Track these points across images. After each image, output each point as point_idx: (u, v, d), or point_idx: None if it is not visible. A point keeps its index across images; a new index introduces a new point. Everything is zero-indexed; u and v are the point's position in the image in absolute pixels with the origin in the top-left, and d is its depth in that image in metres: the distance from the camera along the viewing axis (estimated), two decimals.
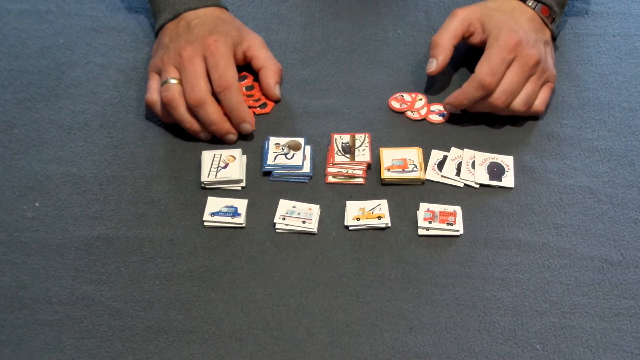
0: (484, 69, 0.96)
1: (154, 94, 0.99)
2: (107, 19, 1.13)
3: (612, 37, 1.11)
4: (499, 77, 0.96)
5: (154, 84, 1.00)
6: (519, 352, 0.83)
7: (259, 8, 1.14)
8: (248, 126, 0.99)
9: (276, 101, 1.04)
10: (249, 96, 1.03)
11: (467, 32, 1.02)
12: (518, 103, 0.98)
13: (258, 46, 1.04)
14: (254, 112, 1.02)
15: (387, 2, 1.15)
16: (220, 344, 0.84)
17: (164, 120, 1.00)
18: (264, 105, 1.03)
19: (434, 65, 1.01)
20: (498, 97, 0.96)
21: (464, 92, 0.97)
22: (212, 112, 0.97)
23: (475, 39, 1.01)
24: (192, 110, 0.97)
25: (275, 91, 1.03)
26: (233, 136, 0.99)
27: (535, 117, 1.01)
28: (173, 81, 0.97)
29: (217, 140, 0.99)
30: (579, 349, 0.83)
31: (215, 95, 0.97)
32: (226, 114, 0.98)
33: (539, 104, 0.99)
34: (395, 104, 1.03)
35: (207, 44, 0.98)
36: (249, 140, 1.00)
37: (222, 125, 0.98)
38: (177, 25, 1.02)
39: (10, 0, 1.15)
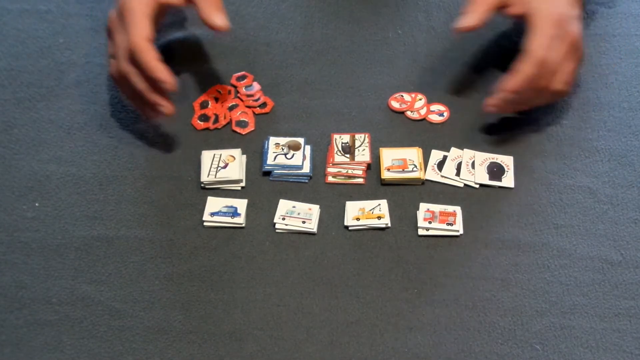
0: (537, 42, 0.90)
1: (111, 66, 0.95)
2: (107, 19, 1.13)
3: (612, 37, 1.11)
4: (553, 53, 0.91)
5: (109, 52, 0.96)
6: (519, 352, 0.83)
7: (259, 8, 1.14)
8: (222, 17, 0.93)
9: (224, 32, 0.95)
10: (248, 96, 1.03)
11: (500, 4, 0.95)
12: (558, 82, 0.93)
13: None
14: (253, 112, 1.02)
15: (387, 2, 1.15)
16: (220, 344, 0.84)
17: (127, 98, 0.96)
18: (263, 105, 1.03)
19: (464, 20, 0.93)
20: (541, 75, 0.91)
21: (521, 72, 0.91)
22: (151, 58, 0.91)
23: (514, 10, 0.94)
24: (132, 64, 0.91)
25: (217, 20, 0.93)
26: (169, 85, 0.91)
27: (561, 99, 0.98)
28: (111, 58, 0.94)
29: (217, 142, 0.99)
30: (579, 349, 0.83)
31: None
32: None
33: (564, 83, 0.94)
34: (395, 104, 1.03)
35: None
36: (249, 140, 1.00)
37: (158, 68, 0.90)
38: None
39: (10, 0, 1.15)
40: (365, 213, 0.92)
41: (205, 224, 0.92)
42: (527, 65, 0.91)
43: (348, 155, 0.97)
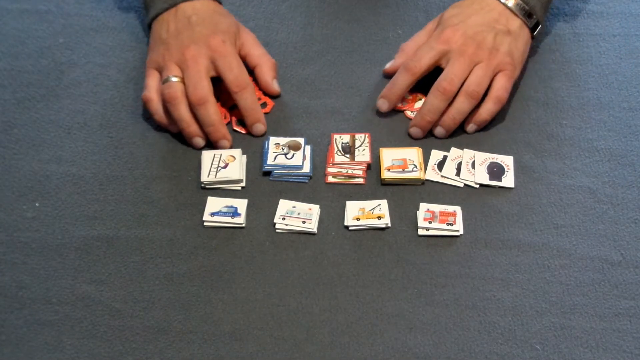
0: (409, 56, 1.01)
1: (151, 92, 0.99)
2: (107, 19, 1.13)
3: (612, 37, 1.11)
4: (425, 62, 0.98)
5: (152, 81, 0.99)
6: (519, 352, 0.83)
7: (259, 8, 1.14)
8: (261, 126, 1.00)
9: (276, 97, 1.04)
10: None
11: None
12: (470, 84, 0.97)
13: (252, 43, 1.04)
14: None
15: (387, 2, 1.15)
16: (220, 344, 0.84)
17: (158, 120, 0.99)
18: (264, 105, 1.03)
19: (390, 64, 1.06)
20: (442, 79, 0.97)
21: (393, 81, 1.00)
22: (214, 112, 0.97)
23: None
24: (193, 108, 0.97)
25: (274, 87, 1.04)
26: (227, 142, 0.98)
27: (503, 112, 1.00)
28: (175, 79, 0.97)
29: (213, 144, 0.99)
30: (579, 349, 0.83)
31: (217, 97, 0.98)
32: (231, 116, 0.99)
33: (496, 89, 0.98)
34: None
35: (213, 45, 0.98)
36: (249, 140, 1.00)
37: (220, 127, 0.97)
38: (175, 18, 1.01)
39: (10, 0, 1.15)
40: (365, 213, 0.92)
41: (205, 224, 0.92)
42: (397, 74, 1.00)
43: (348, 155, 0.97)
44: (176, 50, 0.98)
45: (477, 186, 0.96)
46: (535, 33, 1.03)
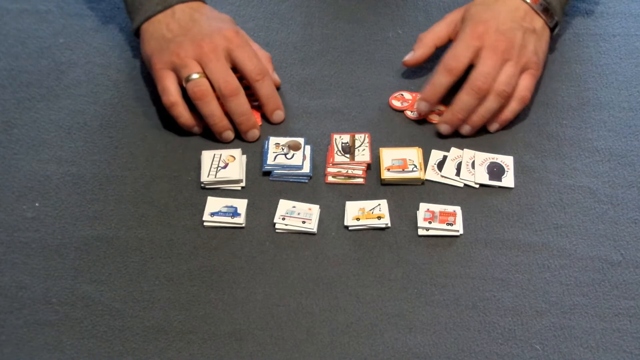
0: (448, 54, 0.99)
1: (173, 95, 0.97)
2: (107, 19, 1.13)
3: (612, 37, 1.11)
4: (463, 60, 0.97)
5: (170, 83, 0.97)
6: (519, 352, 0.83)
7: (259, 8, 1.14)
8: (281, 113, 1.01)
9: (278, 87, 1.04)
10: (249, 95, 1.03)
11: (453, 34, 1.03)
12: (500, 83, 0.97)
13: (247, 36, 1.03)
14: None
15: (387, 2, 1.15)
16: (220, 344, 0.84)
17: (183, 122, 0.98)
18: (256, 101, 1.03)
19: (409, 55, 1.05)
20: (476, 77, 0.97)
21: (433, 82, 0.99)
22: (244, 101, 0.98)
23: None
24: (224, 101, 0.97)
25: (275, 77, 1.04)
26: (257, 131, 0.99)
27: (525, 110, 1.01)
28: (197, 75, 0.96)
29: (217, 142, 0.99)
30: (579, 349, 0.83)
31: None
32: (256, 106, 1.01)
33: (521, 89, 0.98)
34: (395, 103, 1.03)
35: (229, 36, 0.98)
36: (248, 140, 1.00)
37: (251, 116, 0.98)
38: (173, 18, 1.00)
39: (10, 0, 1.15)
40: (365, 213, 0.92)
41: (205, 224, 0.92)
42: (436, 75, 0.99)
43: (348, 155, 0.97)
44: (191, 45, 0.97)
45: (477, 186, 0.96)
46: (554, 34, 1.04)
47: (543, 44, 1.02)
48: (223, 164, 0.96)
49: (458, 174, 0.96)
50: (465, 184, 0.96)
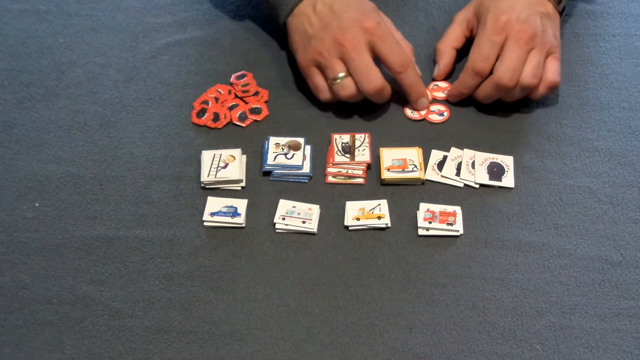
0: (475, 55, 0.98)
1: (325, 92, 0.99)
2: (107, 19, 1.13)
3: (612, 37, 1.11)
4: (491, 61, 0.97)
5: (320, 80, 0.99)
6: (519, 352, 0.83)
7: (259, 8, 1.14)
8: (425, 100, 1.01)
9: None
10: (250, 94, 1.03)
11: (468, 32, 1.03)
12: (526, 76, 0.97)
13: (392, 26, 1.03)
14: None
15: (387, 2, 1.15)
16: (220, 344, 0.84)
17: (347, 95, 0.99)
18: (256, 94, 1.03)
19: (436, 70, 1.06)
20: (503, 75, 0.96)
21: (462, 82, 1.00)
22: (388, 94, 0.99)
23: (476, 33, 1.02)
24: (369, 98, 0.98)
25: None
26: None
27: (554, 93, 1.02)
28: (342, 74, 0.97)
29: (217, 142, 0.99)
30: (579, 349, 0.83)
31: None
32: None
33: (550, 74, 0.99)
34: (435, 93, 1.04)
35: (370, 28, 0.96)
36: (249, 140, 1.00)
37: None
38: (314, 10, 0.99)
39: (10, 0, 1.15)
40: (365, 213, 0.92)
41: (205, 224, 0.92)
42: (465, 76, 1.00)
43: (348, 155, 0.97)
44: (332, 42, 0.96)
45: (477, 186, 0.96)
46: (561, 18, 1.04)
47: (557, 27, 1.02)
48: (223, 164, 0.96)
49: (458, 174, 0.96)
50: (465, 184, 0.96)
